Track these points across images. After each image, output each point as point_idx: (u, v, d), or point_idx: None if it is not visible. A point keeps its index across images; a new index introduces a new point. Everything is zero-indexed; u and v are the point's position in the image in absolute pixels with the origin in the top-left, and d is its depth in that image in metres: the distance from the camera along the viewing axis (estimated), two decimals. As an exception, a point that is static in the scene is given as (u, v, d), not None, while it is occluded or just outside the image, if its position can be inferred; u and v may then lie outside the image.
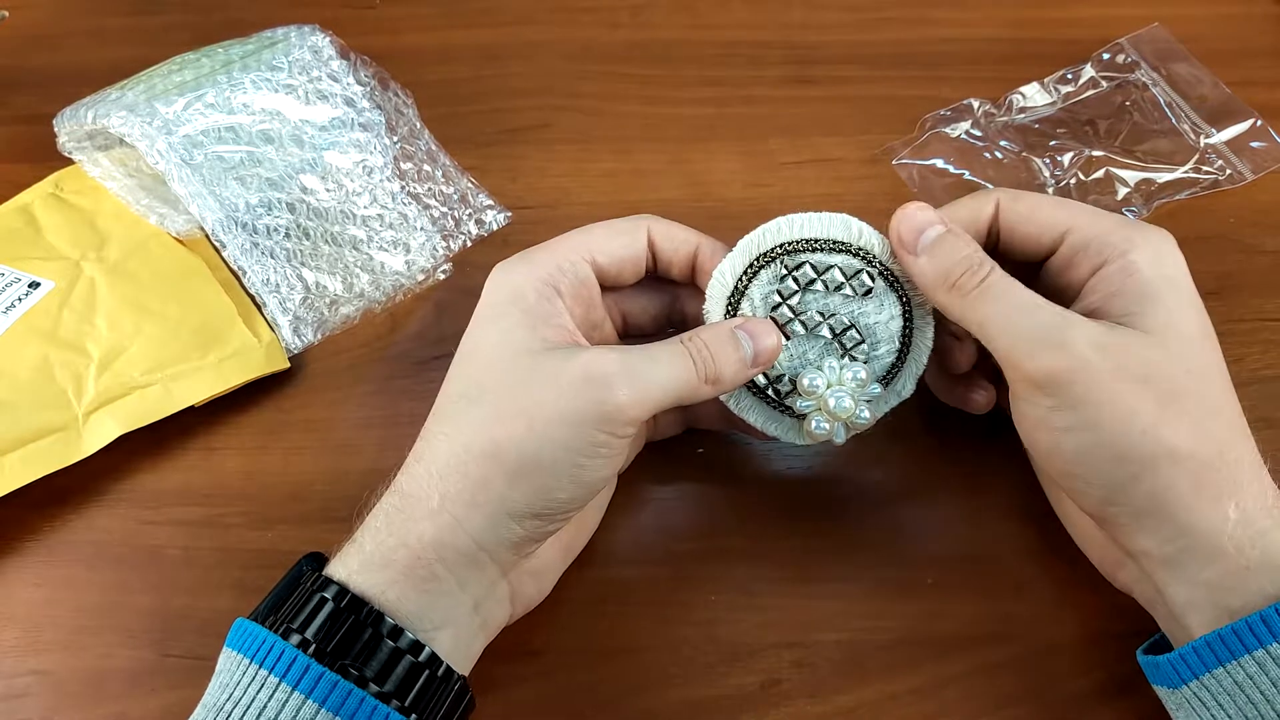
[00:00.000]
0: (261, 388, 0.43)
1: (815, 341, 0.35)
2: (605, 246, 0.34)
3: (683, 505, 0.41)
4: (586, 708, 0.36)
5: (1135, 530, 0.31)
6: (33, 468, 0.38)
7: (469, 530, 0.30)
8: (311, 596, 0.29)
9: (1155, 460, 0.29)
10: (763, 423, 0.36)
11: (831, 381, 0.35)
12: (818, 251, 0.35)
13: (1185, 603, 0.30)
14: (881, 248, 0.34)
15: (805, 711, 0.36)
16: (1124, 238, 0.32)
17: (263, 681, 0.28)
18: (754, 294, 0.35)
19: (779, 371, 0.35)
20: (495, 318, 0.32)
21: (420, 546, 0.30)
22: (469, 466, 0.30)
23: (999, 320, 0.31)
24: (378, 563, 0.30)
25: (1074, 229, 0.33)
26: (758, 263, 0.35)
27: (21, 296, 0.43)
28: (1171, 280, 0.32)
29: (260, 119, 0.45)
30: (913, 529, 0.40)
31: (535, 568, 0.34)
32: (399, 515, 0.31)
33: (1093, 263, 0.33)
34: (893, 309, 0.35)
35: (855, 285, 0.35)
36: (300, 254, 0.44)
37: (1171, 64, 0.53)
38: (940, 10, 0.56)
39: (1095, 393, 0.30)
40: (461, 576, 0.31)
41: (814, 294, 0.35)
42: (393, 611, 0.29)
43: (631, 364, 0.31)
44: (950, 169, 0.50)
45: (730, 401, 0.36)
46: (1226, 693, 0.29)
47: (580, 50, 0.55)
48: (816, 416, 0.35)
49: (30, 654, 0.37)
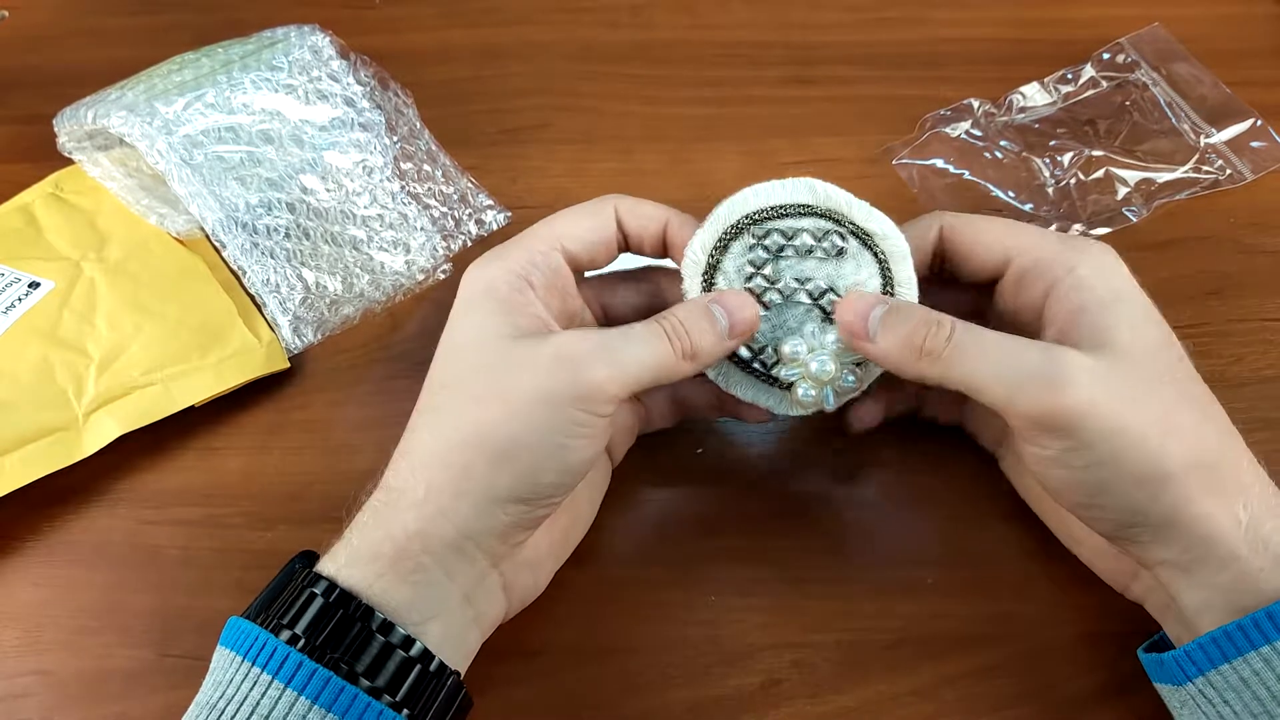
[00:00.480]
0: (261, 388, 0.43)
1: (794, 308, 0.35)
2: (573, 231, 0.34)
3: (683, 505, 0.41)
4: (586, 708, 0.36)
5: (1155, 545, 0.31)
6: (33, 468, 0.38)
7: (454, 519, 0.30)
8: (301, 593, 0.29)
9: (1169, 476, 0.29)
10: (752, 396, 0.36)
11: (813, 346, 0.34)
12: (785, 218, 0.34)
13: (1200, 606, 0.30)
14: (850, 207, 0.34)
15: (805, 711, 0.36)
16: (1066, 257, 0.32)
17: (255, 678, 0.28)
18: (727, 267, 0.35)
19: (762, 343, 0.35)
20: (469, 311, 0.33)
21: (405, 538, 0.30)
22: (451, 455, 0.30)
23: (985, 372, 0.30)
24: (364, 557, 0.30)
25: (1019, 250, 0.33)
26: (728, 235, 0.35)
27: (21, 296, 0.43)
28: (1121, 293, 0.32)
29: (260, 119, 0.45)
30: (913, 529, 0.40)
31: (529, 559, 0.34)
32: (385, 509, 0.31)
33: (1044, 283, 0.33)
34: (869, 267, 0.34)
35: (827, 247, 0.34)
36: (300, 254, 0.44)
37: (1171, 64, 0.53)
38: (940, 10, 0.56)
39: (1108, 424, 0.29)
40: (449, 567, 0.30)
41: (787, 260, 0.35)
42: (380, 604, 0.29)
43: (606, 342, 0.31)
44: (950, 169, 0.50)
45: (719, 379, 0.35)
46: (1233, 688, 0.29)
47: (580, 50, 0.55)
48: (803, 384, 0.34)
49: (30, 654, 0.37)
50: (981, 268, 0.35)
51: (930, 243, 0.35)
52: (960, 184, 0.49)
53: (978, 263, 0.34)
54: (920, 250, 0.35)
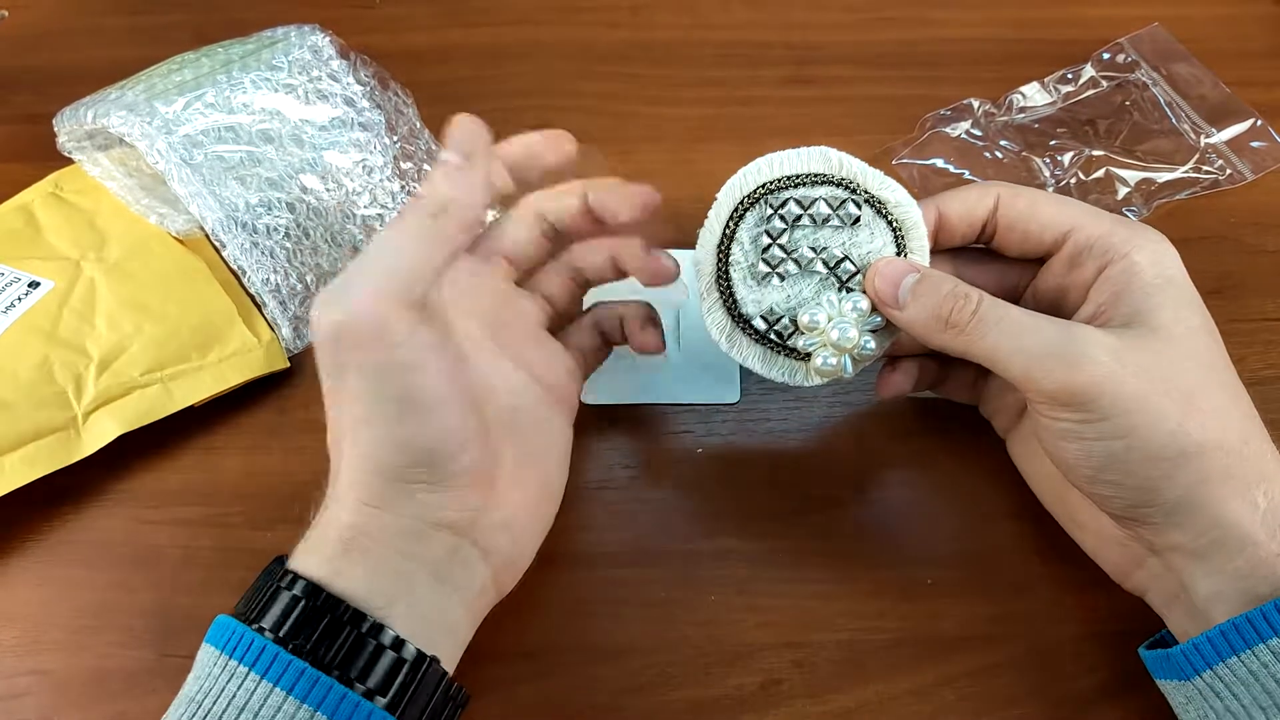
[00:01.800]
0: (261, 388, 0.43)
1: (811, 278, 0.35)
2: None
3: (683, 505, 0.41)
4: (586, 708, 0.36)
5: (1167, 527, 0.31)
6: (33, 468, 0.38)
7: (374, 504, 0.30)
8: (271, 587, 0.30)
9: (1186, 456, 0.30)
10: (765, 369, 0.35)
11: (832, 315, 0.34)
12: (801, 187, 0.34)
13: (1211, 594, 0.30)
14: (864, 176, 0.34)
15: (805, 711, 0.36)
16: (1124, 239, 0.32)
17: (232, 671, 0.28)
18: (742, 237, 0.35)
19: (779, 314, 0.35)
20: None
21: (341, 526, 0.30)
22: (348, 434, 0.30)
23: (1007, 346, 0.31)
24: (322, 549, 0.30)
25: (1076, 229, 0.33)
26: (743, 205, 0.35)
27: (21, 296, 0.43)
28: (1172, 279, 0.32)
29: (260, 119, 0.45)
30: (913, 529, 0.40)
31: (500, 520, 0.33)
32: (330, 499, 0.31)
33: (1098, 264, 0.33)
34: (884, 236, 0.34)
35: (843, 215, 0.34)
36: (300, 254, 0.44)
37: (1171, 64, 0.53)
38: (940, 10, 0.56)
39: (1124, 400, 0.30)
40: (400, 546, 0.30)
41: (803, 230, 0.34)
42: (341, 592, 0.29)
43: (354, 267, 0.29)
44: (950, 169, 0.50)
45: (732, 351, 0.35)
46: (1242, 681, 0.29)
47: (580, 50, 0.55)
48: (822, 352, 0.34)
49: (30, 654, 0.37)
50: (1036, 243, 0.35)
51: (983, 213, 0.35)
52: (960, 184, 0.49)
53: (1033, 238, 0.34)
54: (970, 219, 0.35)
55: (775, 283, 0.34)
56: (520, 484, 0.34)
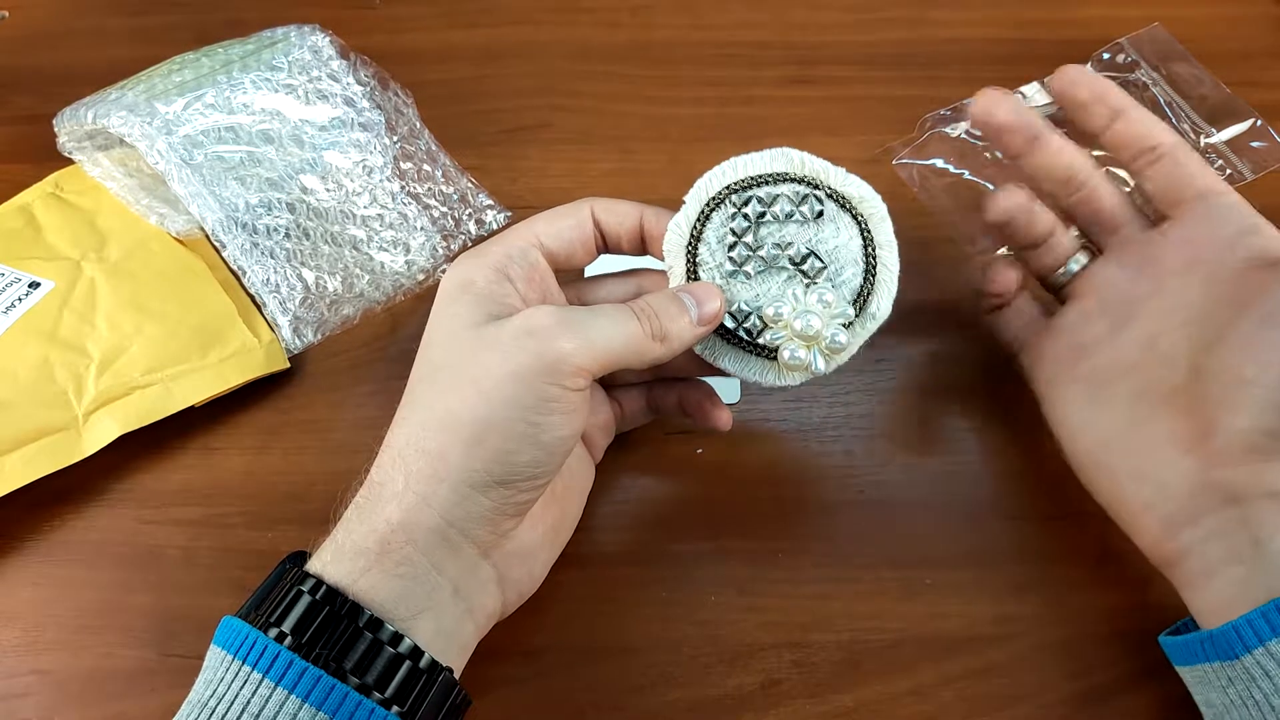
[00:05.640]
0: (261, 388, 0.43)
1: (777, 274, 0.35)
2: (550, 230, 0.35)
3: (683, 505, 0.41)
4: (586, 708, 0.36)
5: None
6: (33, 468, 0.38)
7: (435, 507, 0.30)
8: (289, 591, 0.29)
9: None
10: (740, 368, 0.35)
11: (796, 307, 0.34)
12: (764, 185, 0.35)
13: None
14: (826, 173, 0.35)
15: (805, 711, 0.36)
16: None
17: (245, 677, 0.28)
18: (709, 236, 0.35)
19: (746, 311, 0.35)
20: (446, 306, 0.33)
21: (389, 530, 0.30)
22: (426, 442, 0.30)
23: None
24: (349, 552, 0.30)
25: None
26: (709, 207, 0.35)
27: (21, 296, 0.43)
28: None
29: (260, 119, 0.45)
30: (913, 529, 0.40)
31: (520, 549, 0.34)
32: (368, 504, 0.31)
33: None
34: (849, 230, 0.35)
35: (806, 211, 0.34)
36: (300, 254, 0.44)
37: (1171, 64, 0.53)
38: (940, 10, 0.56)
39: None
40: (435, 558, 0.30)
41: (767, 226, 0.35)
42: (367, 600, 0.29)
43: (572, 316, 0.31)
44: (950, 169, 0.49)
45: (705, 353, 0.35)
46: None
47: (580, 50, 0.55)
48: (789, 345, 0.34)
49: (30, 654, 0.37)
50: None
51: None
52: (960, 184, 0.49)
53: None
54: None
55: (742, 280, 0.35)
56: (542, 520, 0.35)
